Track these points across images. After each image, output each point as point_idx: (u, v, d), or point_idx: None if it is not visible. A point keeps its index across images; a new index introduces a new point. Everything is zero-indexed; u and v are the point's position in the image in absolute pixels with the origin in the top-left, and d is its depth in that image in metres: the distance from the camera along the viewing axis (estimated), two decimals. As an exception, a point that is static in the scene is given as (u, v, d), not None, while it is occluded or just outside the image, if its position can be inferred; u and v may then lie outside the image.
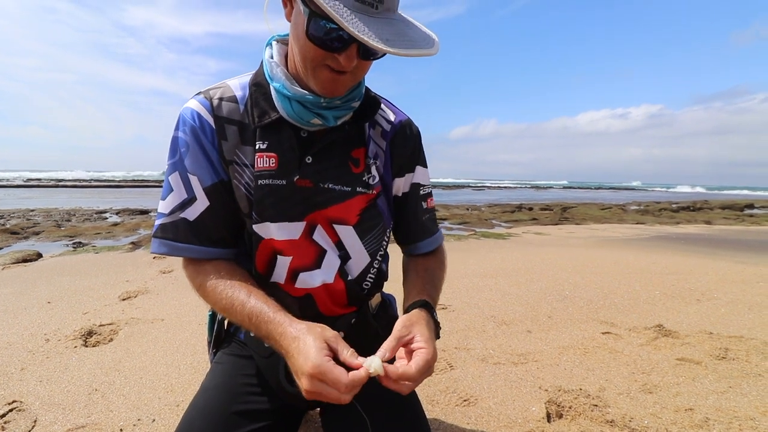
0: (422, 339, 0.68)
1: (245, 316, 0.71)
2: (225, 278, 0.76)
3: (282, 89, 0.73)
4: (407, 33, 0.65)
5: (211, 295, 0.76)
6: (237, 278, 0.77)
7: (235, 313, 0.73)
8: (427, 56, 0.65)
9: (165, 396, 1.53)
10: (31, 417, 1.38)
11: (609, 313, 2.54)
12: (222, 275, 0.77)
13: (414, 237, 0.95)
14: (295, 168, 0.77)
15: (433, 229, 0.97)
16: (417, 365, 0.64)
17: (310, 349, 0.61)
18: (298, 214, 0.78)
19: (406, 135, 0.89)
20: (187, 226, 0.78)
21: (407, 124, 0.90)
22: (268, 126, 0.76)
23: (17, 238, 6.15)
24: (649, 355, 1.89)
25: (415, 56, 0.63)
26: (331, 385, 0.59)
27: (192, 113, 0.77)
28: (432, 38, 0.69)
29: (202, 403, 0.80)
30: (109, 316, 2.43)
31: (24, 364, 1.79)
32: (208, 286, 0.77)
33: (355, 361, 0.62)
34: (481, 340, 2.08)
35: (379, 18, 0.62)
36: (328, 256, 0.81)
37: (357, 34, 0.57)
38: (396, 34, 0.63)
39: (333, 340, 0.64)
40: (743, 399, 1.50)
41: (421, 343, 0.68)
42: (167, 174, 0.79)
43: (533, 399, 1.50)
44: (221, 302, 0.75)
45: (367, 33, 0.58)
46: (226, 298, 0.74)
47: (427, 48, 0.65)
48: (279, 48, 0.79)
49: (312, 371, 0.59)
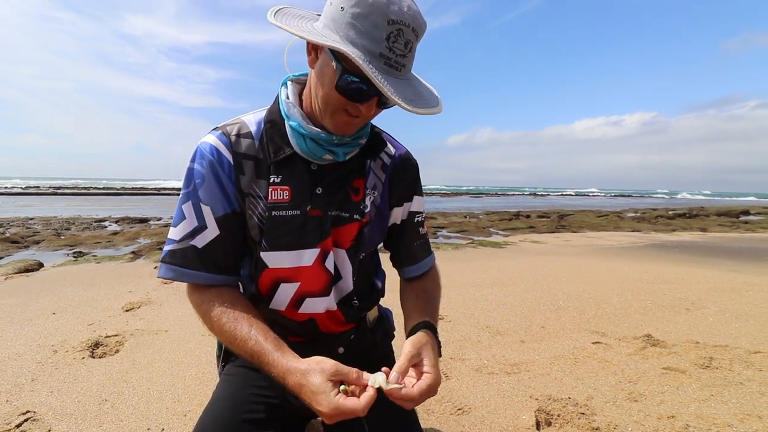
0: (429, 364, 0.75)
1: (247, 353, 0.76)
2: (228, 309, 0.80)
3: (298, 128, 0.81)
4: (422, 93, 0.75)
5: (216, 325, 0.80)
6: (239, 309, 0.81)
7: (237, 348, 0.78)
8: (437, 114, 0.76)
9: (173, 406, 1.59)
10: (45, 427, 1.44)
11: (600, 323, 2.62)
12: (226, 305, 0.81)
13: (410, 260, 1.02)
14: (307, 199, 0.84)
15: (427, 252, 1.04)
16: (420, 389, 0.71)
17: (320, 393, 0.67)
18: (311, 241, 0.85)
19: (405, 169, 0.97)
20: (196, 253, 0.82)
21: (406, 158, 0.98)
22: (282, 161, 0.84)
23: (17, 247, 6.20)
24: (637, 364, 1.97)
25: (429, 114, 0.73)
26: (349, 415, 0.66)
27: (211, 148, 0.83)
28: (437, 96, 0.79)
29: (214, 412, 0.87)
30: (114, 328, 2.49)
31: (34, 375, 1.85)
32: (212, 316, 0.81)
33: (362, 381, 0.69)
34: (476, 351, 2.15)
35: (401, 80, 0.71)
36: (336, 282, 0.88)
37: (391, 96, 0.66)
38: (416, 94, 0.73)
39: (335, 373, 0.69)
40: (723, 406, 1.57)
41: (428, 368, 0.75)
42: (180, 202, 0.84)
43: (524, 407, 1.58)
44: (224, 335, 0.79)
45: (395, 94, 0.67)
46: (229, 332, 0.78)
47: (436, 107, 0.75)
48: (294, 88, 0.87)
49: (331, 413, 0.66)
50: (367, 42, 0.67)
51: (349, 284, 0.93)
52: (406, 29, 0.68)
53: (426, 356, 0.77)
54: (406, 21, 0.68)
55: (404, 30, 0.68)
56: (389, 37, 0.68)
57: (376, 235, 0.97)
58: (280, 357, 0.73)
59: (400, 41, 0.69)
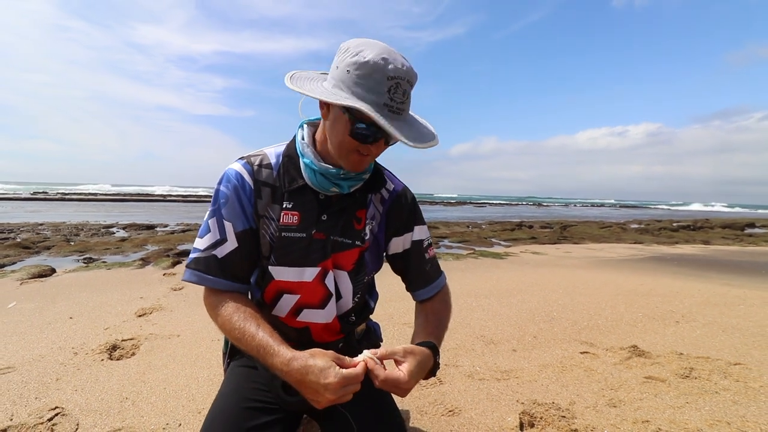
0: (405, 368, 0.88)
1: (253, 348, 0.89)
2: (239, 311, 0.94)
3: (311, 164, 0.97)
4: (421, 130, 0.91)
5: (227, 324, 0.94)
6: (249, 312, 0.94)
7: (245, 344, 0.91)
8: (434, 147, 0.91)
9: (188, 404, 1.74)
10: (74, 421, 1.59)
11: (591, 333, 2.74)
12: (237, 308, 0.95)
13: (420, 284, 1.14)
14: (313, 223, 0.99)
15: (435, 275, 1.16)
16: (386, 374, 0.84)
17: (327, 368, 0.81)
18: (313, 260, 1.00)
19: (401, 204, 1.11)
20: (216, 262, 0.98)
21: (402, 194, 1.13)
22: (295, 190, 0.99)
23: (29, 252, 6.38)
24: (620, 373, 2.09)
25: (427, 148, 0.89)
26: (353, 382, 0.81)
27: (236, 174, 0.99)
28: (432, 132, 0.95)
29: (220, 405, 1.01)
30: (129, 332, 2.65)
31: (58, 375, 2.00)
32: (225, 316, 0.95)
33: (354, 362, 0.85)
34: (470, 358, 2.28)
35: (402, 121, 0.87)
36: (332, 300, 1.03)
37: (399, 136, 0.83)
38: (416, 132, 0.89)
39: (334, 357, 0.84)
40: (696, 413, 1.69)
41: (402, 368, 0.87)
42: (207, 218, 1.00)
43: (510, 410, 1.71)
44: (234, 332, 0.93)
45: (400, 134, 0.83)
46: (239, 329, 0.91)
47: (432, 141, 0.91)
48: (308, 130, 1.02)
49: (336, 384, 0.80)
50: (372, 96, 0.83)
51: (349, 302, 1.07)
52: (402, 82, 0.84)
53: (408, 362, 0.89)
54: (402, 75, 0.84)
55: (401, 83, 0.84)
56: (389, 90, 0.83)
57: (374, 259, 1.12)
58: (285, 349, 0.87)
59: (399, 92, 0.84)
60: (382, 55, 0.83)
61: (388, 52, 0.85)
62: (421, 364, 0.91)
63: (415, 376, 0.88)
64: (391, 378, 0.85)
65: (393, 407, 1.08)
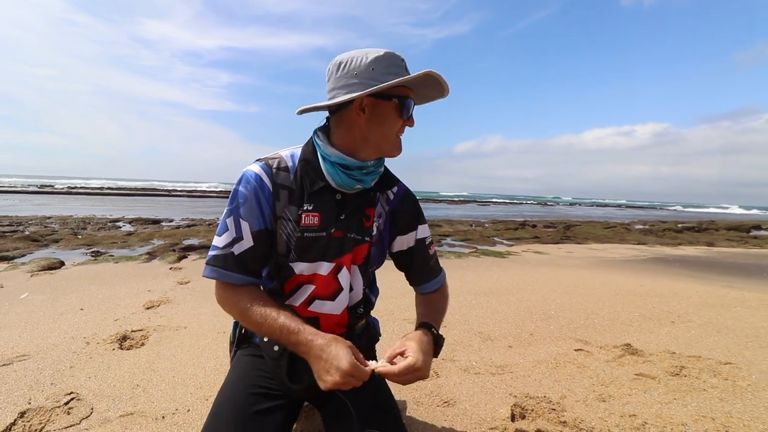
0: (411, 350, 0.98)
1: (276, 329, 0.98)
2: (259, 300, 1.03)
3: (340, 160, 1.04)
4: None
5: (248, 313, 1.02)
6: (267, 300, 1.04)
7: (267, 327, 0.99)
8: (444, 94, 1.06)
9: (196, 392, 1.83)
10: (89, 405, 1.68)
11: (586, 332, 2.80)
12: (254, 298, 1.03)
13: (422, 279, 1.25)
14: (332, 223, 1.07)
15: (437, 271, 1.27)
16: (399, 366, 0.94)
17: (344, 353, 0.90)
18: (330, 256, 1.08)
19: (405, 205, 1.21)
20: (233, 258, 1.05)
21: (406, 195, 1.22)
22: (315, 192, 1.06)
23: (38, 245, 6.50)
24: (612, 370, 2.15)
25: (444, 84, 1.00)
26: (357, 378, 0.89)
27: (256, 176, 1.05)
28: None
29: (227, 391, 1.10)
30: (138, 323, 2.74)
31: (72, 363, 2.09)
32: (245, 305, 1.02)
33: (365, 362, 0.94)
34: (466, 353, 2.36)
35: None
36: (343, 293, 1.11)
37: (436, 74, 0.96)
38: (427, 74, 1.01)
39: (353, 347, 0.94)
40: (683, 409, 1.76)
41: (410, 353, 0.97)
42: (225, 217, 1.07)
43: (502, 403, 1.78)
44: (255, 318, 1.00)
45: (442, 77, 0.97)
46: (259, 316, 1.00)
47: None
48: (323, 136, 1.10)
49: (348, 369, 0.88)
50: (394, 75, 1.00)
51: (359, 294, 1.16)
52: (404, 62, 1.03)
53: (409, 346, 1.00)
54: (401, 57, 1.02)
55: (405, 63, 1.03)
56: (405, 69, 1.02)
57: (378, 254, 1.20)
58: (309, 328, 0.97)
59: (405, 64, 1.03)
60: (378, 51, 1.00)
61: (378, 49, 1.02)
62: (420, 342, 1.01)
63: (421, 353, 0.98)
64: (403, 367, 0.94)
65: (389, 397, 1.15)
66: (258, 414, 1.04)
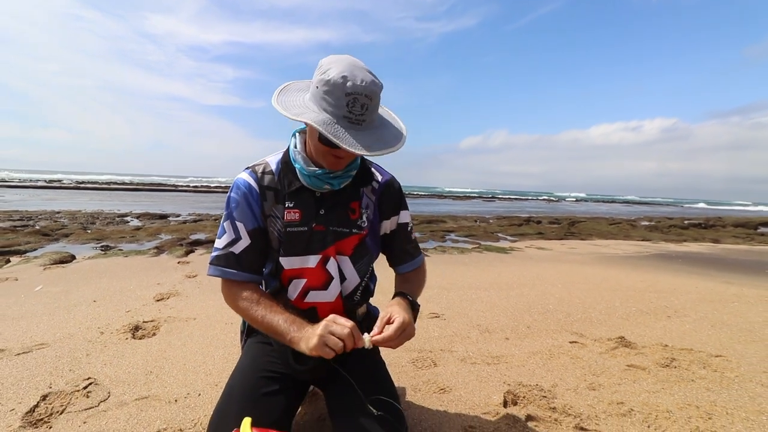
0: (395, 313, 1.07)
1: (271, 330, 1.10)
2: (254, 298, 1.15)
3: (302, 170, 1.14)
4: (383, 137, 1.04)
5: (248, 308, 1.14)
6: (262, 299, 1.14)
7: (266, 322, 1.11)
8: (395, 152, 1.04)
9: (206, 378, 1.93)
10: (106, 389, 1.79)
11: (582, 325, 2.88)
12: (252, 296, 1.15)
13: (401, 261, 1.36)
14: (312, 218, 1.17)
15: (415, 254, 1.37)
16: (393, 328, 1.04)
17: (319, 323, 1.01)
18: (315, 249, 1.18)
19: (390, 192, 1.29)
20: (234, 257, 1.17)
21: (390, 183, 1.30)
22: (294, 191, 1.17)
23: (48, 239, 6.66)
24: (604, 361, 2.23)
25: (386, 154, 1.02)
26: (339, 324, 0.98)
27: (244, 182, 1.18)
28: (401, 134, 1.08)
29: (238, 374, 1.20)
30: (149, 314, 2.85)
31: (88, 351, 2.20)
32: (242, 303, 1.15)
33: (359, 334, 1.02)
34: (464, 345, 2.44)
35: (363, 131, 1.01)
36: (334, 282, 1.20)
37: (345, 147, 0.96)
38: (375, 140, 1.01)
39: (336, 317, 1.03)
40: (669, 398, 1.83)
41: (395, 316, 1.07)
42: (222, 221, 1.19)
43: (496, 390, 1.87)
44: (255, 313, 1.13)
45: (353, 144, 0.97)
46: (254, 313, 1.12)
47: (392, 147, 1.03)
48: (300, 138, 1.20)
49: (322, 327, 0.98)
50: (333, 109, 0.98)
51: (353, 283, 1.25)
52: (360, 97, 0.97)
53: (393, 310, 1.09)
54: (359, 91, 0.97)
55: (358, 98, 0.97)
56: (348, 104, 0.97)
57: (374, 244, 1.29)
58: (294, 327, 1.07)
59: (357, 105, 0.98)
60: (343, 73, 0.96)
61: (351, 69, 0.97)
62: (401, 305, 1.13)
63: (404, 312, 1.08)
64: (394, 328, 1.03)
65: (389, 382, 1.25)
66: (266, 395, 1.14)
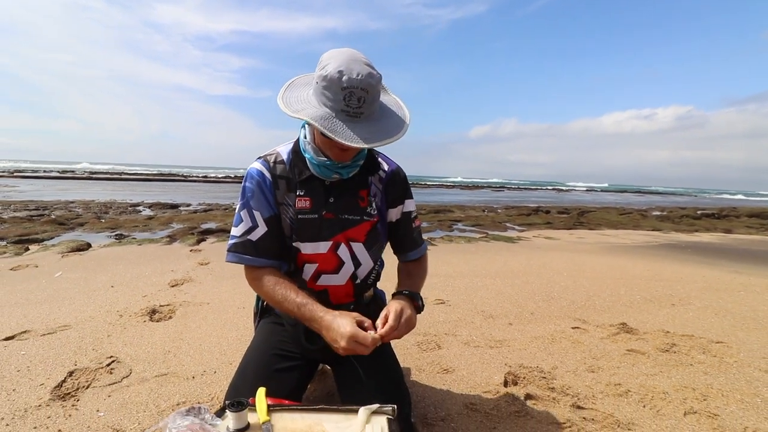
0: (390, 310, 1.13)
1: (295, 306, 1.14)
2: (278, 281, 1.19)
3: (311, 160, 1.19)
4: (383, 127, 1.06)
5: (269, 292, 1.19)
6: (285, 282, 1.19)
7: (287, 304, 1.15)
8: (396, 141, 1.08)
9: (220, 357, 2.03)
10: (127, 367, 1.90)
11: (586, 312, 2.93)
12: (275, 280, 1.19)
13: (405, 248, 1.40)
14: (322, 206, 1.22)
15: (419, 242, 1.42)
16: (391, 317, 1.10)
17: (347, 323, 1.05)
18: (326, 235, 1.23)
19: (396, 181, 1.34)
20: (251, 244, 1.21)
21: (396, 173, 1.35)
22: (304, 180, 1.22)
23: (64, 228, 6.84)
24: (605, 346, 2.29)
25: (386, 144, 1.06)
26: (361, 342, 1.04)
27: (258, 172, 1.22)
28: (403, 123, 1.10)
29: (252, 352, 1.28)
30: (165, 299, 2.97)
31: (109, 332, 2.32)
32: (266, 286, 1.19)
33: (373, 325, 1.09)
34: (468, 329, 2.52)
35: (361, 123, 1.03)
36: (345, 266, 1.26)
37: (342, 141, 0.99)
38: (373, 132, 1.03)
39: (357, 316, 1.09)
40: (666, 380, 1.89)
41: (390, 313, 1.12)
42: (239, 210, 1.23)
43: (497, 371, 1.94)
44: (276, 296, 1.17)
45: (351, 137, 1.00)
46: (281, 295, 1.16)
47: (396, 135, 1.06)
48: (309, 129, 1.22)
49: (350, 333, 1.03)
50: (332, 103, 1.02)
51: (367, 267, 1.31)
52: (356, 90, 0.99)
53: (389, 309, 1.14)
54: (355, 85, 0.99)
55: (354, 91, 0.99)
56: (344, 98, 1.00)
57: (384, 230, 1.35)
58: (319, 306, 1.13)
59: (354, 99, 1.00)
60: (339, 68, 0.99)
61: (348, 63, 1.00)
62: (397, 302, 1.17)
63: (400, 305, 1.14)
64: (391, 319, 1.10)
65: (394, 362, 1.32)
66: (279, 371, 1.22)
